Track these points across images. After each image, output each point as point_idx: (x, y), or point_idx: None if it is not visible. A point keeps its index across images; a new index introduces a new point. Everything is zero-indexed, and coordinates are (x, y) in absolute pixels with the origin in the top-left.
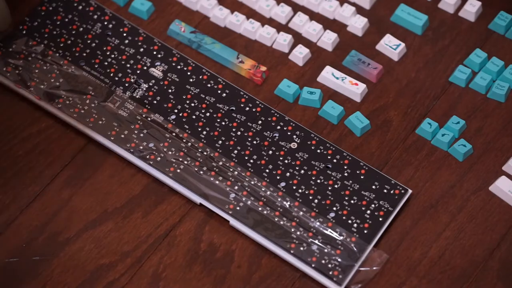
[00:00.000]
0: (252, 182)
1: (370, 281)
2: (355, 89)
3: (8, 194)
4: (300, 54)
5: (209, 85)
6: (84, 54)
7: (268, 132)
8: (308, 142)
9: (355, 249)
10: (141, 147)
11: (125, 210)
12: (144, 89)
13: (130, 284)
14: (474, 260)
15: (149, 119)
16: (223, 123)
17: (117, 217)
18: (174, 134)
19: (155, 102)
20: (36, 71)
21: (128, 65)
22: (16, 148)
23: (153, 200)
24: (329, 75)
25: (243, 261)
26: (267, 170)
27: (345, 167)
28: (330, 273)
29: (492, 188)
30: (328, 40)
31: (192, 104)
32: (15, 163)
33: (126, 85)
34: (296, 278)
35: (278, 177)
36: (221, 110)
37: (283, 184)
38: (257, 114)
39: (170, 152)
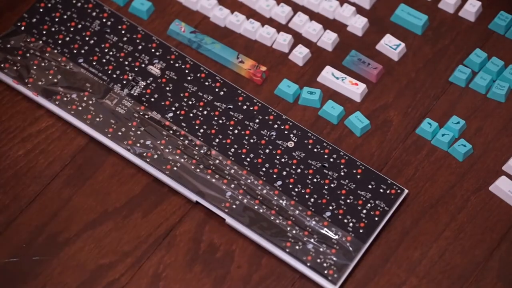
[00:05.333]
0: (249, 181)
1: (370, 281)
2: (355, 89)
3: (8, 194)
4: (300, 54)
5: (206, 83)
6: (83, 51)
7: (265, 130)
8: (305, 141)
9: (351, 249)
10: (138, 145)
11: (125, 210)
12: (142, 86)
13: (130, 284)
14: (474, 260)
15: (146, 116)
16: (220, 121)
17: (117, 217)
18: (171, 131)
19: (152, 99)
20: (34, 67)
21: (126, 63)
22: (16, 148)
23: (153, 200)
24: (329, 75)
25: (243, 261)
26: (264, 169)
27: (342, 167)
28: (325, 272)
29: (492, 188)
30: (328, 40)
31: (190, 102)
32: (15, 163)
33: (124, 82)
34: (296, 278)
35: (274, 176)
36: (218, 108)
37: (279, 182)
38: (255, 112)
39: (167, 150)
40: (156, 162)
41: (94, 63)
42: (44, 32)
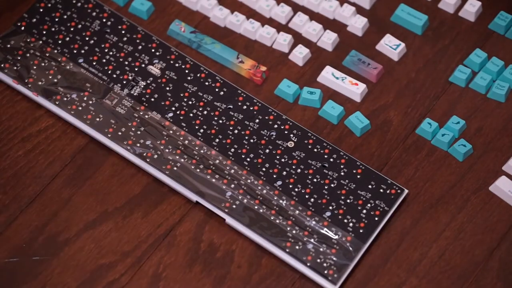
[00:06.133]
0: (249, 181)
1: (370, 281)
2: (355, 89)
3: (8, 194)
4: (300, 54)
5: (207, 83)
6: (83, 51)
7: (265, 130)
8: (305, 141)
9: (351, 249)
10: (138, 145)
11: (125, 210)
12: (142, 86)
13: (130, 284)
14: (474, 260)
15: (146, 116)
16: (220, 121)
17: (117, 217)
18: (171, 132)
19: (152, 99)
20: (34, 67)
21: (126, 63)
22: (16, 148)
23: (153, 200)
24: (329, 75)
25: (243, 261)
26: (264, 169)
27: (342, 167)
28: (325, 272)
29: (492, 188)
30: (328, 40)
31: (190, 102)
32: (15, 163)
33: (124, 82)
34: (296, 278)
35: (274, 176)
36: (218, 108)
37: (279, 182)
38: (255, 112)
39: (167, 150)
40: (156, 162)
41: (94, 63)
42: (44, 32)
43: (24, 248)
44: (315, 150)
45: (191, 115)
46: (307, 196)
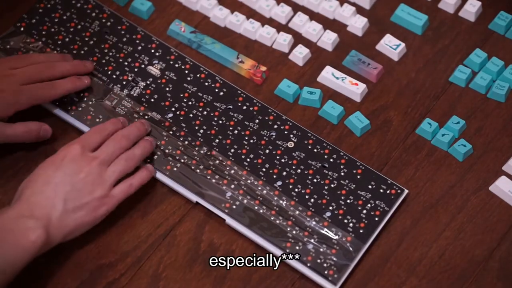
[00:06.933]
0: (249, 181)
1: (370, 281)
2: (355, 89)
3: (8, 194)
4: (300, 54)
5: (206, 84)
6: (82, 52)
7: (265, 131)
8: (305, 141)
9: (351, 249)
10: None
11: (125, 210)
12: (142, 87)
13: (130, 284)
14: (474, 260)
15: (146, 117)
16: (220, 121)
17: (117, 217)
18: (171, 132)
19: (152, 100)
20: None
21: (126, 63)
22: (16, 148)
23: (153, 200)
24: (329, 75)
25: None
26: (264, 169)
27: (342, 167)
28: (325, 272)
29: (492, 188)
30: (328, 40)
31: (190, 103)
32: (15, 163)
33: (124, 83)
34: (296, 278)
35: (274, 176)
36: (218, 109)
37: (279, 183)
38: (254, 113)
39: (167, 150)
40: (156, 163)
41: (94, 64)
42: (44, 33)
43: None
44: (315, 150)
45: (191, 115)
46: (307, 197)
